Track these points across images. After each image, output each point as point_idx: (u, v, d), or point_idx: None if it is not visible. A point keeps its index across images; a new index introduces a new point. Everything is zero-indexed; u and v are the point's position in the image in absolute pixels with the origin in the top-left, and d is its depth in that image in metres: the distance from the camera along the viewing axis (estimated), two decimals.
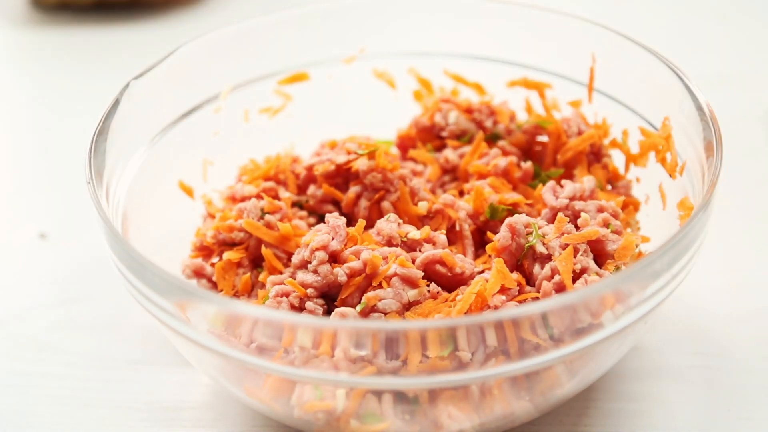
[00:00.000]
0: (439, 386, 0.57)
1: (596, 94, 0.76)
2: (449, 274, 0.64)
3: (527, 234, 0.64)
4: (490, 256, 0.66)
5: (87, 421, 0.70)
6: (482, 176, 0.72)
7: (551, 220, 0.66)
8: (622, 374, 0.71)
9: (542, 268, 0.63)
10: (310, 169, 0.73)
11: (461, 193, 0.73)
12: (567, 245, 0.63)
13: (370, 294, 0.62)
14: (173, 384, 0.72)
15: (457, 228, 0.69)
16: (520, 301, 0.62)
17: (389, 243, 0.65)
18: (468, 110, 0.77)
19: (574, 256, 0.62)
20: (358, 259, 0.63)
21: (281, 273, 0.67)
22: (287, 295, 0.64)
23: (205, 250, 0.71)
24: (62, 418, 0.70)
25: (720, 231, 0.81)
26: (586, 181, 0.69)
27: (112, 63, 1.10)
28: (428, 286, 0.63)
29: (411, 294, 0.62)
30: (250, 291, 0.69)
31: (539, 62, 0.78)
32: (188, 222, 0.75)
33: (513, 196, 0.69)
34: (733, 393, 0.69)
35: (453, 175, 0.75)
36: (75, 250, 0.86)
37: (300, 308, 0.63)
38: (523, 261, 0.64)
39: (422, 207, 0.70)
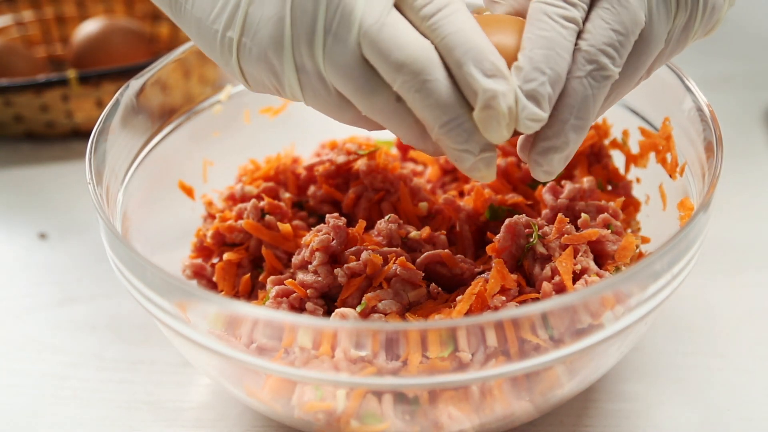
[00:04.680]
0: (439, 387, 0.57)
1: None
2: (449, 275, 0.64)
3: (527, 235, 0.64)
4: (490, 256, 0.65)
5: (87, 421, 0.70)
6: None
7: (551, 220, 0.66)
8: (622, 374, 0.71)
9: (542, 269, 0.63)
10: (310, 169, 0.73)
11: (461, 194, 0.73)
12: (567, 246, 0.63)
13: (370, 294, 0.62)
14: (173, 384, 0.72)
15: (457, 228, 0.69)
16: (520, 302, 0.62)
17: (389, 243, 0.65)
18: None
19: (575, 257, 0.62)
20: (358, 259, 0.63)
21: (281, 273, 0.67)
22: (287, 295, 0.64)
23: (205, 251, 0.71)
24: (62, 418, 0.70)
25: (720, 231, 0.81)
26: (585, 182, 0.69)
27: None
28: (428, 286, 0.63)
29: (411, 294, 0.62)
30: (251, 291, 0.69)
31: None
32: (188, 222, 0.75)
33: (513, 197, 0.69)
34: (733, 393, 0.69)
35: (453, 175, 0.75)
36: (75, 250, 0.86)
37: (300, 309, 0.63)
38: (523, 261, 0.64)
39: (422, 207, 0.70)
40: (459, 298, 0.61)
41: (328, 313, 0.63)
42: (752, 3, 1.19)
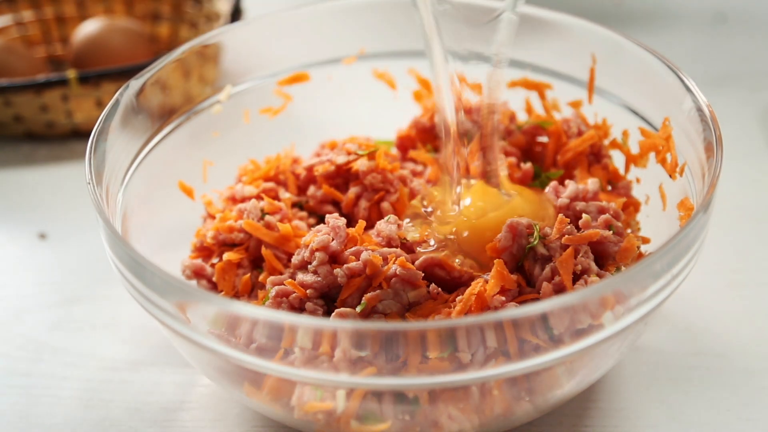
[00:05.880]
0: (438, 387, 0.57)
1: (596, 94, 0.76)
2: (448, 278, 0.64)
3: (528, 235, 0.64)
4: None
5: (87, 421, 0.70)
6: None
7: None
8: (622, 374, 0.71)
9: (543, 269, 0.63)
10: (310, 169, 0.73)
11: None
12: (568, 246, 0.63)
13: (370, 294, 0.62)
14: (173, 384, 0.72)
15: None
16: (520, 302, 0.62)
17: (389, 244, 0.65)
18: (468, 111, 0.77)
19: (575, 257, 0.62)
20: (358, 259, 0.63)
21: (281, 273, 0.67)
22: (287, 295, 0.64)
23: (205, 251, 0.71)
24: (62, 418, 0.70)
25: (720, 231, 0.81)
26: (590, 183, 0.68)
27: None
28: (428, 286, 0.63)
29: (411, 295, 0.62)
30: (250, 291, 0.69)
31: (539, 62, 0.78)
32: (188, 222, 0.75)
33: None
34: (733, 394, 0.69)
35: None
36: (75, 250, 0.86)
37: (300, 309, 0.63)
38: (524, 262, 0.64)
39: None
40: (459, 298, 0.61)
41: (328, 313, 0.63)
42: (752, 3, 1.19)
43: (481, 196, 0.68)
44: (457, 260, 0.64)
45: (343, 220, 0.65)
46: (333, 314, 0.61)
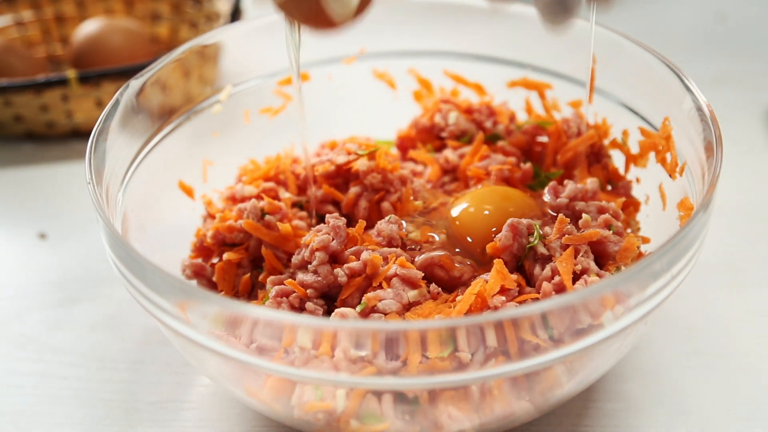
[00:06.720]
0: (439, 387, 0.57)
1: (596, 94, 0.76)
2: (448, 277, 0.64)
3: (528, 234, 0.64)
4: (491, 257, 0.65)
5: (87, 421, 0.70)
6: (481, 180, 0.72)
7: (552, 220, 0.66)
8: (622, 374, 0.71)
9: (543, 269, 0.63)
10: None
11: None
12: (568, 246, 0.63)
13: (370, 294, 0.62)
14: (173, 384, 0.72)
15: None
16: (520, 302, 0.62)
17: (389, 244, 0.65)
18: (468, 111, 0.77)
19: (575, 257, 0.62)
20: (358, 259, 0.63)
21: (281, 273, 0.67)
22: (287, 295, 0.64)
23: (205, 251, 0.71)
24: (62, 418, 0.70)
25: (720, 231, 0.81)
26: (589, 183, 0.68)
27: None
28: (428, 286, 0.63)
29: (411, 294, 0.62)
30: (250, 291, 0.69)
31: (539, 62, 0.78)
32: (188, 222, 0.75)
33: None
34: (733, 394, 0.69)
35: (453, 175, 0.75)
36: (75, 250, 0.86)
37: (300, 308, 0.63)
38: (524, 262, 0.64)
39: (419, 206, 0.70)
40: (459, 298, 0.61)
41: (328, 313, 0.63)
42: (752, 3, 1.19)
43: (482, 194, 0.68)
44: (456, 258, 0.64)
45: (343, 220, 0.65)
46: (333, 314, 0.61)
